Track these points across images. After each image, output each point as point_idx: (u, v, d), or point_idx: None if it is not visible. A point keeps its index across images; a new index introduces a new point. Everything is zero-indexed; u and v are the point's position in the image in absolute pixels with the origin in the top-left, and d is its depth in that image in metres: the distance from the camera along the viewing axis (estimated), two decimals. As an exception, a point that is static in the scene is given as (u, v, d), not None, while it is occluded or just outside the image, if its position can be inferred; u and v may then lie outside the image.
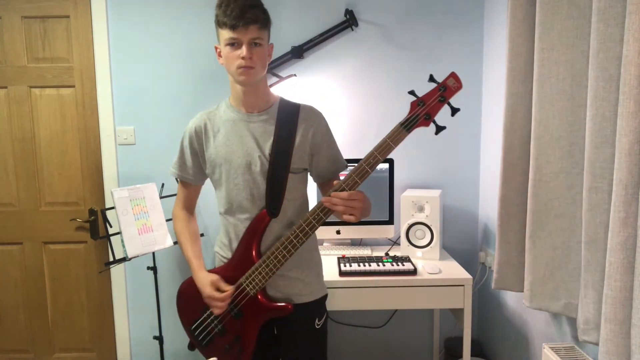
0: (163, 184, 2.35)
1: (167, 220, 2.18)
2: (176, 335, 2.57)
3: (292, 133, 1.46)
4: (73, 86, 2.44)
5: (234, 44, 1.35)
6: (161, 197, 2.20)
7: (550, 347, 1.61)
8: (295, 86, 2.36)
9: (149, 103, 2.45)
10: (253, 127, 1.46)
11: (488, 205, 2.40)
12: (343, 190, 1.32)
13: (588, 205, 1.34)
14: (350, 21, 2.35)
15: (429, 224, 2.16)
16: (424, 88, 2.44)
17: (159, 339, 2.30)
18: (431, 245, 2.17)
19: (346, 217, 1.32)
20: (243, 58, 1.34)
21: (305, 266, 1.53)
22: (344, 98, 2.47)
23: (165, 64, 2.43)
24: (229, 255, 1.53)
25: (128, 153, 2.48)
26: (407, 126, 1.32)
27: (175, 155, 1.60)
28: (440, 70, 2.43)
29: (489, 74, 2.38)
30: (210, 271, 1.54)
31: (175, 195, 2.35)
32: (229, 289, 1.47)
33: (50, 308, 2.58)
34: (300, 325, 1.52)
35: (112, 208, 2.06)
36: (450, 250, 2.52)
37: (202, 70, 2.44)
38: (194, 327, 1.58)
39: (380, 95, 2.46)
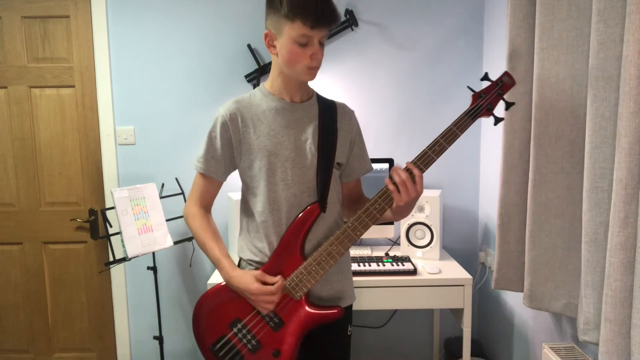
0: (163, 184, 2.35)
1: (167, 220, 2.19)
2: (176, 335, 2.57)
3: (334, 125, 1.38)
4: (73, 86, 2.44)
5: (304, 43, 1.23)
6: (161, 197, 2.20)
7: (550, 347, 1.61)
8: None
9: (149, 103, 2.45)
10: (298, 117, 1.35)
11: (488, 205, 2.40)
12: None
13: (588, 205, 1.34)
14: (350, 21, 2.35)
15: (429, 224, 2.16)
16: (424, 87, 2.45)
17: (159, 339, 2.30)
18: (431, 245, 2.17)
19: (397, 197, 1.22)
20: (315, 59, 1.25)
21: (345, 268, 1.42)
22: (344, 98, 2.47)
23: (165, 63, 2.43)
24: (264, 260, 1.35)
25: (128, 153, 2.48)
26: (472, 115, 1.29)
27: (198, 148, 1.41)
28: (440, 70, 2.44)
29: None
30: None
31: (175, 195, 2.37)
32: (276, 280, 1.29)
33: (50, 308, 2.58)
34: (335, 331, 1.39)
35: (112, 208, 2.06)
36: (450, 250, 2.52)
37: (203, 69, 2.44)
38: (218, 346, 1.35)
39: (380, 95, 2.46)
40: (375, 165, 2.31)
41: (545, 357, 1.62)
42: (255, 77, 2.35)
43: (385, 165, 2.30)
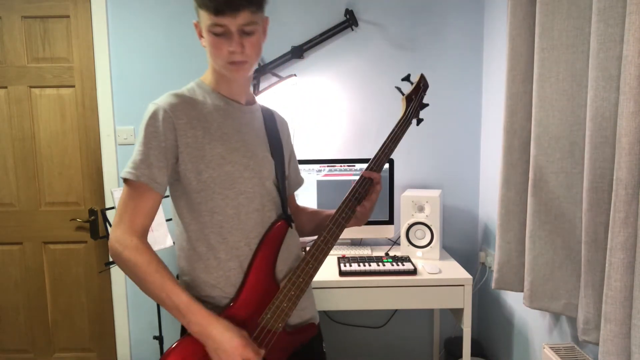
0: (163, 184, 2.35)
1: (167, 220, 2.19)
2: (176, 336, 2.57)
3: (278, 134, 1.26)
4: (73, 86, 2.44)
5: (219, 33, 1.05)
6: (161, 197, 2.20)
7: (550, 347, 1.61)
8: (295, 86, 2.36)
9: (148, 103, 2.45)
10: (247, 121, 1.18)
11: (488, 205, 2.40)
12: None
13: (588, 205, 1.34)
14: (350, 21, 2.35)
15: (429, 224, 2.16)
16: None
17: (159, 339, 2.30)
18: (431, 245, 2.17)
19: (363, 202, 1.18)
20: (233, 52, 1.06)
21: (309, 288, 1.29)
22: (344, 98, 2.47)
23: (165, 63, 2.43)
24: (226, 294, 1.12)
25: (128, 153, 2.48)
26: (410, 117, 1.32)
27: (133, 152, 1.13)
28: (440, 70, 2.44)
29: (489, 74, 2.38)
30: None
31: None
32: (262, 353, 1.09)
33: (50, 308, 2.58)
34: (312, 350, 1.26)
35: (112, 208, 2.06)
36: (450, 250, 2.52)
37: (203, 70, 2.43)
38: None
39: (380, 95, 2.46)
40: (375, 165, 2.31)
41: (545, 357, 1.62)
42: (255, 77, 2.35)
43: (386, 165, 2.30)
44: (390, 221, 2.33)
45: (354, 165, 2.30)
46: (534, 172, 1.59)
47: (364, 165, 2.30)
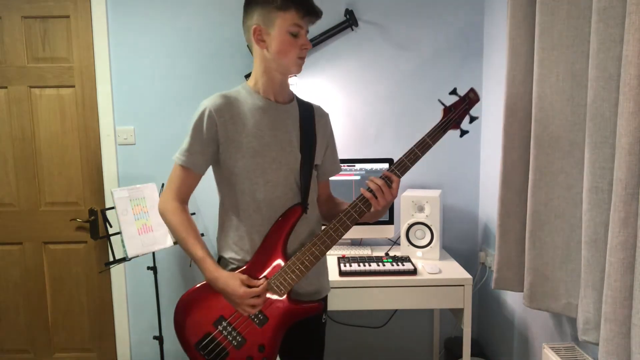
0: (163, 184, 2.35)
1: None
2: (176, 336, 2.57)
3: (313, 127, 1.44)
4: (73, 86, 2.44)
5: (295, 33, 1.30)
6: (161, 197, 2.20)
7: (550, 347, 1.61)
8: (295, 86, 2.36)
9: (149, 103, 2.45)
10: (283, 118, 1.38)
11: (488, 205, 2.40)
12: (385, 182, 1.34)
13: (588, 205, 1.34)
14: (350, 21, 2.35)
15: (429, 224, 2.16)
16: (423, 87, 2.45)
17: (159, 339, 2.31)
18: (431, 245, 2.17)
19: (375, 202, 1.33)
20: (305, 48, 1.32)
21: (322, 264, 1.49)
22: (344, 98, 2.47)
23: (165, 63, 2.43)
24: (246, 258, 1.38)
25: (128, 153, 2.48)
26: (443, 128, 1.40)
27: (183, 142, 1.38)
28: (440, 70, 2.44)
29: (489, 74, 2.38)
30: None
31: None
32: (261, 283, 1.33)
33: (50, 308, 2.58)
34: (312, 321, 1.44)
35: (112, 208, 2.06)
36: (450, 250, 2.52)
37: (203, 69, 2.44)
38: (203, 344, 1.37)
39: (380, 95, 2.46)
40: (375, 165, 2.31)
41: (545, 357, 1.62)
42: (255, 77, 2.35)
43: (386, 165, 2.30)
44: (390, 221, 2.33)
45: (354, 165, 2.31)
46: (534, 172, 1.59)
47: (364, 165, 2.31)
